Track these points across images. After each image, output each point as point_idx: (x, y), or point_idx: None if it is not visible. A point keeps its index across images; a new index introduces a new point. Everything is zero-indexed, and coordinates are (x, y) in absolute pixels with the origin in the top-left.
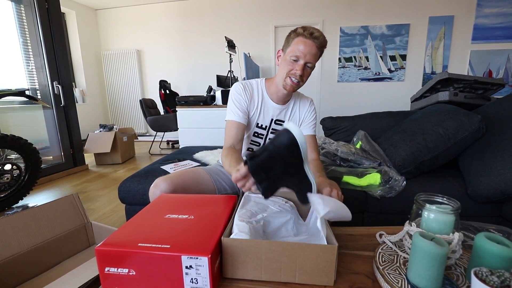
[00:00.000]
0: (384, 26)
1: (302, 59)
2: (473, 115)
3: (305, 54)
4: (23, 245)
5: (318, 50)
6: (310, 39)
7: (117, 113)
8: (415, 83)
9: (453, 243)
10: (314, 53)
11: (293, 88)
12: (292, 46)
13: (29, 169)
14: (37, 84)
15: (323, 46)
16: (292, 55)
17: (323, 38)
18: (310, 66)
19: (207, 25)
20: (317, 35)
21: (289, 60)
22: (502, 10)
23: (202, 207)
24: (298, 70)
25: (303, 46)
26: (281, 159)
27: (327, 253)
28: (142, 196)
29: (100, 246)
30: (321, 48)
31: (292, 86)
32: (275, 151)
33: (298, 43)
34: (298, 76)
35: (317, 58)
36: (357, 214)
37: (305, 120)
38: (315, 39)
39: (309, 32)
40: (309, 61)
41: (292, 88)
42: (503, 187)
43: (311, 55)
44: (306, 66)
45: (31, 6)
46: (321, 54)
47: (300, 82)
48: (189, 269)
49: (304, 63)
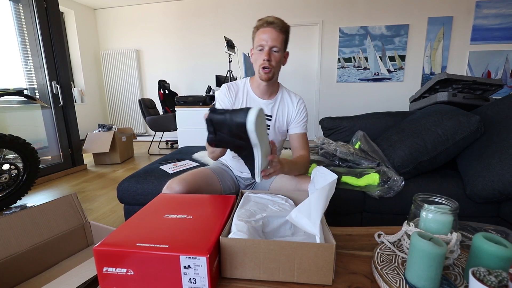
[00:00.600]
0: (383, 27)
1: (266, 46)
2: (471, 115)
3: (267, 40)
4: (21, 245)
5: (280, 33)
6: (268, 26)
7: (116, 113)
8: (414, 84)
9: (451, 243)
10: (275, 37)
11: (267, 76)
12: (256, 39)
13: (27, 169)
14: (36, 84)
15: (283, 27)
16: (257, 45)
17: (281, 21)
18: (276, 50)
19: (207, 25)
20: (272, 20)
21: (257, 52)
22: (501, 11)
23: (200, 207)
24: (264, 56)
25: (262, 35)
26: (230, 130)
27: (325, 252)
28: (141, 196)
29: (98, 246)
30: (282, 30)
31: (265, 74)
32: (228, 122)
33: (260, 34)
34: (266, 61)
35: (281, 41)
36: (355, 214)
37: (295, 119)
38: (271, 24)
39: (265, 21)
40: (272, 45)
41: (267, 76)
42: (501, 187)
43: (272, 39)
44: (272, 51)
45: (29, 5)
46: (287, 37)
47: (272, 68)
48: (188, 269)
49: (268, 48)
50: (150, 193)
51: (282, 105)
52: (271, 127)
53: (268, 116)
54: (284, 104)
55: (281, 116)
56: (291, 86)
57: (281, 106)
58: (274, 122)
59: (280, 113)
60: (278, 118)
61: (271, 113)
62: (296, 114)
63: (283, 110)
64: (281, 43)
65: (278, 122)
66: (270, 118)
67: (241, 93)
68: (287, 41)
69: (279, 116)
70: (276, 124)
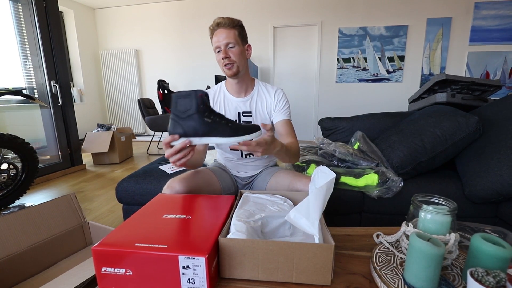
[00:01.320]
0: (382, 27)
1: (221, 45)
2: (470, 116)
3: (220, 40)
4: (19, 245)
5: (230, 29)
6: (218, 28)
7: (115, 112)
8: (413, 84)
9: (449, 243)
10: (226, 35)
11: (232, 71)
12: (212, 43)
13: (26, 169)
14: (35, 83)
15: (231, 23)
16: (215, 48)
17: (228, 19)
18: (232, 46)
19: (206, 25)
20: (219, 21)
21: (216, 53)
22: (499, 12)
23: (199, 207)
24: (222, 54)
25: (215, 37)
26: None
27: (323, 252)
28: (140, 196)
29: (97, 246)
30: (231, 26)
31: (229, 71)
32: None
33: (213, 38)
34: (226, 59)
35: (234, 35)
36: (354, 214)
37: (276, 108)
38: (219, 25)
39: (214, 24)
40: (226, 42)
41: (231, 72)
42: (499, 188)
43: (224, 38)
44: (228, 48)
45: (28, 4)
46: (240, 31)
47: (234, 63)
48: (186, 269)
49: (224, 47)
50: (149, 193)
51: (260, 99)
52: (253, 122)
53: (247, 113)
54: (261, 98)
55: (261, 110)
56: (290, 86)
57: (259, 100)
58: (256, 117)
59: (259, 107)
60: (259, 112)
61: (250, 109)
62: (276, 104)
63: (262, 104)
64: (234, 38)
65: (260, 116)
66: (251, 114)
67: (217, 96)
68: (242, 35)
69: (259, 110)
70: (257, 118)
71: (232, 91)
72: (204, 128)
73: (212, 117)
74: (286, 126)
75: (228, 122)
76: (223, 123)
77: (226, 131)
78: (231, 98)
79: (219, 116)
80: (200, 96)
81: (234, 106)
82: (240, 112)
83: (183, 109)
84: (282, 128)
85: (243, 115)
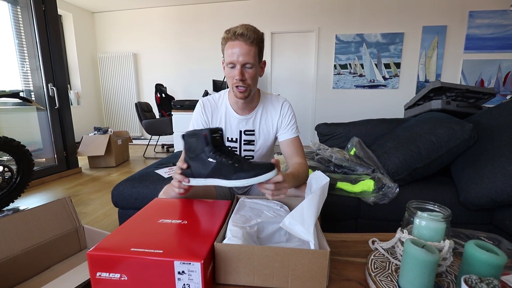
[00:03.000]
0: (379, 34)
1: (237, 63)
2: (465, 123)
3: (238, 56)
4: (13, 249)
5: (251, 46)
6: (236, 39)
7: (112, 116)
8: (409, 91)
9: (443, 250)
10: (246, 52)
11: (243, 95)
12: (225, 53)
13: (21, 172)
14: (32, 86)
15: (255, 39)
16: (228, 62)
17: (252, 31)
18: (250, 66)
19: (204, 30)
20: (241, 32)
21: (228, 68)
22: (493, 21)
23: (196, 212)
24: (237, 76)
25: (231, 50)
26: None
27: (319, 258)
28: (136, 200)
29: (92, 251)
30: (254, 43)
31: (241, 93)
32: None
33: (228, 49)
34: (240, 81)
35: (255, 54)
36: (350, 220)
37: (282, 126)
38: (240, 36)
39: (232, 33)
40: (244, 62)
41: (243, 96)
42: (493, 195)
43: (243, 55)
44: (245, 68)
45: (27, 7)
46: (261, 48)
47: (248, 87)
48: (182, 275)
49: (240, 66)
50: (145, 197)
51: (265, 115)
52: (256, 142)
53: (250, 131)
54: (266, 114)
55: (264, 128)
56: (287, 92)
57: (263, 117)
58: (258, 136)
59: (263, 125)
60: (262, 131)
61: (253, 127)
62: (282, 119)
63: (266, 121)
64: (254, 58)
65: (263, 134)
66: (253, 133)
67: (219, 110)
68: (261, 52)
69: (262, 129)
70: (260, 137)
71: (236, 108)
72: (207, 169)
73: (217, 157)
74: (292, 145)
75: (234, 162)
76: (229, 163)
77: (230, 172)
78: (234, 115)
79: (226, 154)
80: (204, 136)
81: (236, 123)
82: (242, 131)
83: (191, 149)
84: (289, 148)
85: (245, 134)
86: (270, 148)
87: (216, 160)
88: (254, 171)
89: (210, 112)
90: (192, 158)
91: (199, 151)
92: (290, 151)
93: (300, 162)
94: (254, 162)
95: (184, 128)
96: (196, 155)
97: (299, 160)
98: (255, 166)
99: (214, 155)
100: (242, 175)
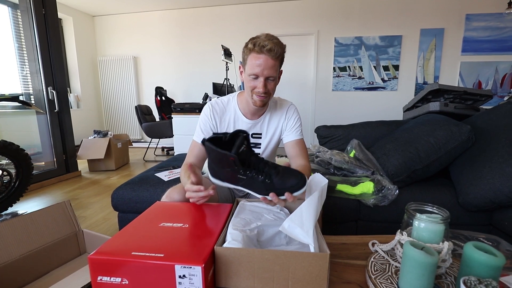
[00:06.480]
0: (377, 37)
1: (261, 75)
2: (462, 125)
3: (262, 70)
4: (11, 254)
5: (275, 60)
6: (263, 54)
7: (112, 119)
8: (407, 93)
9: (443, 252)
10: (271, 66)
11: (262, 102)
12: (248, 63)
13: (20, 175)
14: (31, 89)
15: (280, 53)
16: (250, 73)
17: (278, 47)
18: (272, 79)
19: (204, 33)
20: (270, 47)
21: (249, 78)
22: (489, 24)
23: (196, 216)
24: (260, 88)
25: (256, 61)
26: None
27: (319, 261)
28: (136, 204)
29: (93, 255)
30: (278, 58)
31: (261, 101)
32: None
33: (252, 60)
34: (263, 94)
35: (277, 68)
36: (350, 222)
37: (287, 128)
38: (268, 52)
39: (260, 47)
40: (268, 75)
41: (262, 103)
42: (492, 196)
43: (268, 69)
44: (268, 80)
45: (27, 11)
46: (282, 62)
47: (269, 96)
48: (183, 279)
49: (264, 79)
50: (145, 201)
51: (272, 119)
52: (262, 144)
53: (257, 134)
54: (273, 118)
55: (271, 131)
56: (287, 95)
57: (271, 121)
58: (265, 139)
59: (271, 129)
60: (269, 134)
61: (260, 130)
62: (287, 122)
63: (273, 124)
64: (277, 71)
65: (269, 137)
66: (260, 136)
67: (227, 113)
68: (282, 63)
69: (269, 132)
70: (266, 140)
71: (246, 113)
72: (237, 182)
73: (248, 173)
74: (297, 146)
75: (265, 178)
76: (260, 181)
77: (261, 189)
78: (243, 119)
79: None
80: (232, 161)
81: (245, 127)
82: (250, 134)
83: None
84: (293, 150)
85: (252, 137)
86: (274, 150)
87: (247, 177)
88: (284, 189)
89: (219, 116)
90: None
91: (227, 167)
92: (294, 152)
93: (304, 165)
94: (284, 176)
95: (184, 130)
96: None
97: (303, 163)
98: (285, 181)
99: (244, 173)
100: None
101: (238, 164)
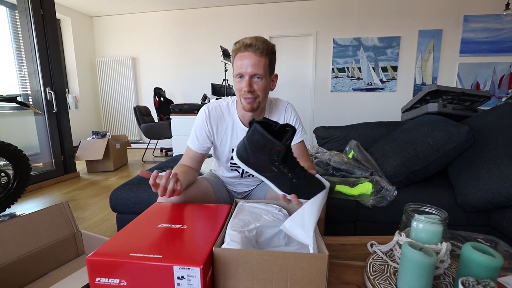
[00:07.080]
0: (376, 38)
1: (246, 74)
2: (461, 126)
3: (246, 67)
4: (9, 255)
5: (260, 56)
6: (246, 51)
7: (111, 120)
8: (406, 94)
9: (441, 253)
10: (255, 63)
11: (251, 106)
12: (234, 65)
13: (18, 176)
14: (30, 90)
15: (264, 49)
16: (236, 74)
17: (262, 42)
18: (259, 78)
19: (203, 34)
20: (249, 42)
21: (237, 80)
22: (487, 25)
23: (195, 217)
24: (245, 87)
25: (241, 61)
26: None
27: (318, 262)
28: (134, 205)
29: (91, 256)
30: (263, 53)
31: (249, 105)
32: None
33: (237, 60)
34: (248, 92)
35: (264, 66)
36: (349, 223)
37: None
38: (249, 47)
39: (242, 44)
40: (253, 73)
41: (251, 107)
42: (490, 196)
43: (252, 66)
44: (254, 79)
45: (26, 12)
46: (272, 60)
47: (257, 98)
48: (181, 280)
49: (249, 77)
50: (143, 202)
51: None
52: None
53: None
54: None
55: None
56: (286, 95)
57: None
58: None
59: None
60: None
61: None
62: None
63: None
64: (264, 69)
65: None
66: None
67: (225, 121)
68: (272, 64)
69: None
70: None
71: (245, 121)
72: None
73: (281, 167)
74: (297, 149)
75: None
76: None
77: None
78: (241, 127)
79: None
80: (278, 150)
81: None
82: None
83: (256, 144)
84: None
85: None
86: None
87: (279, 171)
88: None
89: (216, 123)
90: (253, 151)
91: (266, 154)
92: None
93: (308, 166)
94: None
95: (182, 131)
96: (258, 154)
97: (307, 164)
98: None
99: (278, 166)
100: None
101: (280, 156)
